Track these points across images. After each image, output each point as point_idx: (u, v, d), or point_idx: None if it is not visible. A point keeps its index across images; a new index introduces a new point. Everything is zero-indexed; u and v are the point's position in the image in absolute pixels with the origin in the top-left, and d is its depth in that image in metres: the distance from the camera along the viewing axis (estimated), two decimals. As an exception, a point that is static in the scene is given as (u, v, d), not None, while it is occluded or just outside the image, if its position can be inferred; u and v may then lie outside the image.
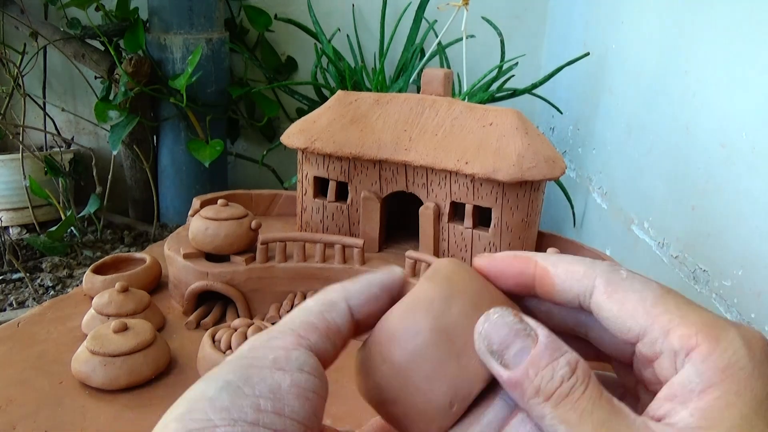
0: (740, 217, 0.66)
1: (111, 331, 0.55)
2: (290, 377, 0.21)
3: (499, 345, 0.21)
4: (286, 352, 0.21)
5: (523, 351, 0.21)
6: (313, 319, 0.22)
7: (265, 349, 0.21)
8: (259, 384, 0.20)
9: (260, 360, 0.21)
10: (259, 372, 0.20)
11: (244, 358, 0.21)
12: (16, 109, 1.28)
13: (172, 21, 1.20)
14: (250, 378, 0.20)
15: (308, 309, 0.23)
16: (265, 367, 0.21)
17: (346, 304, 0.23)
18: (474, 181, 0.63)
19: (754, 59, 0.64)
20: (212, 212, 0.65)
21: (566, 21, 1.32)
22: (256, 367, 0.21)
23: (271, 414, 0.20)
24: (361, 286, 0.24)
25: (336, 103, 0.71)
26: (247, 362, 0.21)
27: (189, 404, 0.20)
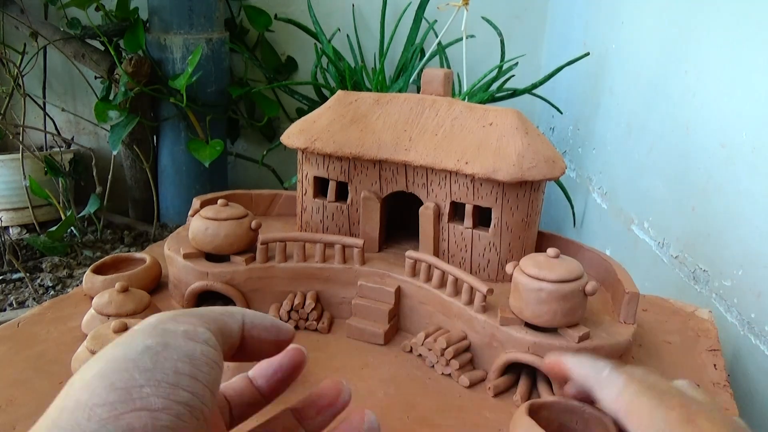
0: (740, 218, 0.66)
1: (111, 331, 0.55)
2: (200, 347, 0.22)
3: None
4: (194, 327, 0.23)
5: None
6: (212, 314, 0.25)
7: (174, 322, 0.23)
8: (176, 350, 0.21)
9: (172, 330, 0.22)
10: (174, 339, 0.22)
11: (156, 328, 0.22)
12: (16, 109, 1.28)
13: (172, 21, 1.20)
14: (167, 344, 0.21)
15: (210, 308, 0.25)
16: (179, 335, 0.22)
17: (241, 317, 0.26)
18: (474, 181, 0.63)
19: (754, 59, 0.64)
20: (212, 212, 0.65)
21: (566, 21, 1.32)
22: (170, 334, 0.22)
23: (188, 377, 0.21)
24: (260, 314, 0.26)
25: (336, 103, 0.71)
26: (161, 330, 0.22)
27: (110, 364, 0.20)
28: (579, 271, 0.51)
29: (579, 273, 0.51)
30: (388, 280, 0.64)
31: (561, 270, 0.50)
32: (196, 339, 0.22)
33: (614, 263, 0.60)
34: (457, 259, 0.66)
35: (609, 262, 0.60)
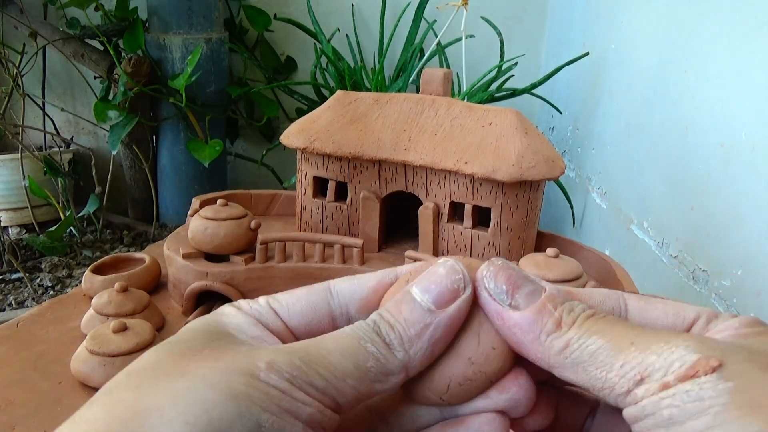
0: (739, 217, 0.66)
1: (110, 331, 0.54)
2: None
3: (508, 286, 0.20)
4: (322, 412, 0.19)
5: (534, 294, 0.20)
6: (357, 379, 0.20)
7: (303, 394, 0.19)
8: None
9: (297, 409, 0.18)
10: (293, 427, 0.18)
11: (285, 394, 0.18)
12: (15, 109, 1.28)
13: (172, 21, 1.20)
14: (282, 429, 0.18)
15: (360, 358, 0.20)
16: (301, 420, 0.18)
17: (399, 379, 0.21)
18: (473, 181, 0.63)
19: (754, 59, 0.64)
20: (211, 212, 0.65)
21: (566, 21, 1.32)
22: (292, 414, 0.18)
23: None
24: None
25: (335, 103, 0.71)
26: (288, 404, 0.18)
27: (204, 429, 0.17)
28: (578, 271, 0.51)
29: (578, 273, 0.51)
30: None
31: (560, 270, 0.50)
32: (316, 428, 0.18)
33: (614, 263, 0.60)
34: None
35: (608, 262, 0.60)
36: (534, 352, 0.20)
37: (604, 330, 0.19)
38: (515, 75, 1.16)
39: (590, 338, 0.19)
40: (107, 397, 0.18)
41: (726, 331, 0.19)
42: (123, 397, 0.18)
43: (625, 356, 0.18)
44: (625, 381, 0.18)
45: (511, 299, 0.20)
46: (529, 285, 0.20)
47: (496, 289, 0.20)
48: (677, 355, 0.17)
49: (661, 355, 0.18)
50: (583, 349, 0.19)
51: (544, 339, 0.19)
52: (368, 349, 0.19)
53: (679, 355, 0.17)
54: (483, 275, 0.21)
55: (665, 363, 0.17)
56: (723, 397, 0.16)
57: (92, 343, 0.54)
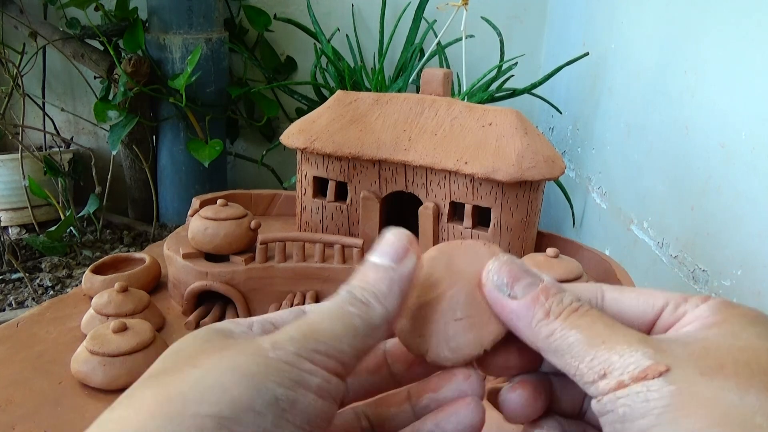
0: (739, 217, 0.66)
1: (110, 331, 0.54)
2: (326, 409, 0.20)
3: (509, 279, 0.23)
4: (329, 380, 0.21)
5: (532, 285, 0.23)
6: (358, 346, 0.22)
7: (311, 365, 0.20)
8: (302, 413, 0.19)
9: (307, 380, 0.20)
10: (305, 397, 0.20)
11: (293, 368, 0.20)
12: (15, 109, 1.28)
13: (172, 21, 1.20)
14: (296, 402, 0.19)
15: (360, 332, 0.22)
16: (311, 390, 0.20)
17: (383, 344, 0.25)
18: (473, 181, 0.63)
19: (754, 59, 0.65)
20: (211, 212, 0.65)
21: (565, 21, 1.32)
22: (303, 386, 0.20)
23: None
24: None
25: (335, 103, 0.71)
26: (296, 376, 0.20)
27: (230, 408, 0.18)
28: (578, 271, 0.51)
29: (578, 273, 0.51)
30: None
31: (560, 270, 0.50)
32: (326, 398, 0.20)
33: (613, 263, 0.60)
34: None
35: (608, 262, 0.60)
36: (526, 336, 0.23)
37: (583, 326, 0.22)
38: (515, 75, 1.16)
39: (571, 331, 0.22)
40: (128, 399, 0.19)
41: (694, 323, 0.22)
42: (143, 395, 0.19)
43: (595, 352, 0.21)
44: (592, 373, 0.21)
45: (510, 290, 0.23)
46: (527, 278, 0.23)
47: (498, 281, 0.23)
48: (634, 358, 0.20)
49: (623, 356, 0.20)
50: (564, 339, 0.22)
51: (534, 325, 0.22)
52: (350, 310, 0.22)
53: (636, 358, 0.20)
54: (488, 269, 0.24)
55: (624, 364, 0.20)
56: (665, 399, 0.19)
57: (92, 343, 0.54)
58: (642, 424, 0.19)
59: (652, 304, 0.23)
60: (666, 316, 0.23)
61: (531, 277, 0.23)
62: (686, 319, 0.22)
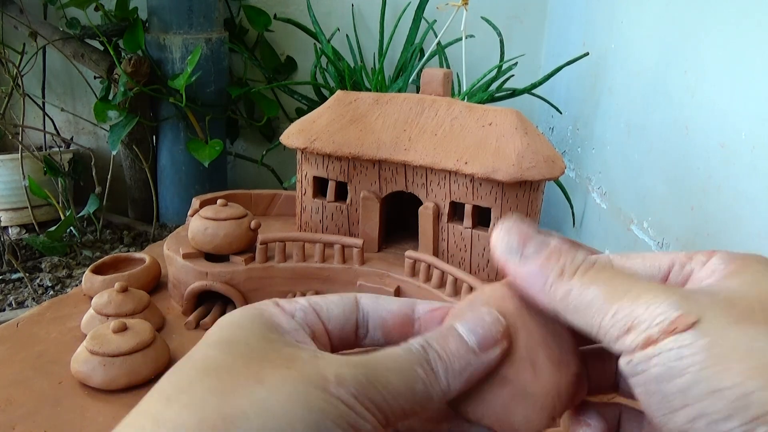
0: (739, 217, 0.66)
1: (110, 331, 0.55)
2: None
3: (518, 242, 0.22)
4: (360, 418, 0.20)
5: (542, 246, 0.22)
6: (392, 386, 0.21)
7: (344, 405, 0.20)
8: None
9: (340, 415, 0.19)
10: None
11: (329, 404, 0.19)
12: (15, 109, 1.28)
13: (172, 21, 1.20)
14: None
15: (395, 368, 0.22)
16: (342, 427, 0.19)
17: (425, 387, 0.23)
18: (473, 181, 0.63)
19: (754, 59, 0.64)
20: (211, 212, 0.65)
21: (565, 21, 1.32)
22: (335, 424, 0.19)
23: None
24: None
25: (335, 103, 0.71)
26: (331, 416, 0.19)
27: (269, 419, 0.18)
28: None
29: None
30: (387, 280, 0.64)
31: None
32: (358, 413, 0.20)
33: (614, 263, 0.60)
34: (457, 259, 0.66)
35: (608, 262, 0.60)
36: (542, 299, 0.22)
37: (602, 280, 0.21)
38: (515, 75, 1.16)
39: (589, 288, 0.21)
40: (186, 398, 0.19)
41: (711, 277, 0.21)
42: (206, 399, 0.18)
43: (618, 305, 0.20)
44: (616, 329, 0.20)
45: (521, 252, 0.22)
46: (537, 239, 0.22)
47: (509, 245, 0.23)
48: (661, 309, 0.19)
49: (648, 308, 0.19)
50: (583, 296, 0.21)
51: (549, 287, 0.21)
52: (418, 372, 0.21)
53: (662, 309, 0.19)
54: (498, 232, 0.23)
55: (650, 316, 0.19)
56: (701, 354, 0.18)
57: (92, 343, 0.54)
58: (680, 383, 0.18)
59: (658, 266, 0.23)
60: (674, 276, 0.23)
61: (541, 238, 0.22)
62: (701, 275, 0.22)
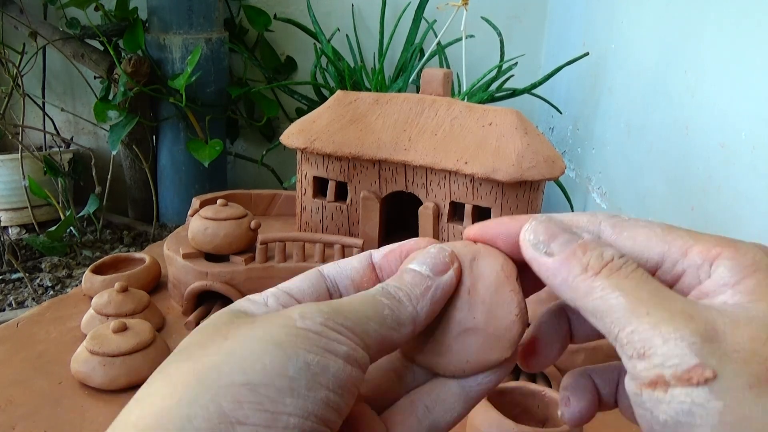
0: (740, 217, 0.66)
1: (110, 331, 0.55)
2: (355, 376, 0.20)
3: (545, 237, 0.22)
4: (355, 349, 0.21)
5: (570, 241, 0.22)
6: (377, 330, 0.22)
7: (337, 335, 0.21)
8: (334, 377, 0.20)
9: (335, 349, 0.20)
10: (335, 362, 0.20)
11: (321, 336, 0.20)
12: (15, 109, 1.28)
13: (172, 21, 1.20)
14: (327, 367, 0.20)
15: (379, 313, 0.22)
16: (340, 357, 0.20)
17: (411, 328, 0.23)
18: (473, 181, 0.63)
19: (754, 59, 0.64)
20: (211, 212, 0.65)
21: (565, 21, 1.32)
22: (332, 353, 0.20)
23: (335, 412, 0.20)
24: None
25: (335, 103, 0.71)
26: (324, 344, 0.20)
27: (262, 375, 0.19)
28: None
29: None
30: (387, 280, 0.64)
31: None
32: (353, 364, 0.20)
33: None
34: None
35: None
36: (563, 293, 0.22)
37: (627, 288, 0.20)
38: (515, 75, 1.16)
39: (613, 293, 0.20)
40: (162, 375, 0.20)
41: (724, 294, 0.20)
42: (177, 367, 0.20)
43: (638, 324, 0.19)
44: (631, 347, 0.19)
45: (546, 247, 0.22)
46: (565, 235, 0.22)
47: (534, 240, 0.22)
48: (679, 350, 0.18)
49: (666, 342, 0.18)
50: (605, 300, 0.20)
51: (571, 281, 0.21)
52: (382, 300, 0.22)
53: (680, 351, 0.18)
54: (525, 229, 0.23)
55: (666, 353, 0.18)
56: (713, 417, 0.17)
57: (92, 343, 0.54)
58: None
59: (647, 258, 0.22)
60: (662, 275, 0.22)
61: (569, 234, 0.22)
62: (708, 286, 0.20)
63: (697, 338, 0.18)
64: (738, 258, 0.20)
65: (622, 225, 0.23)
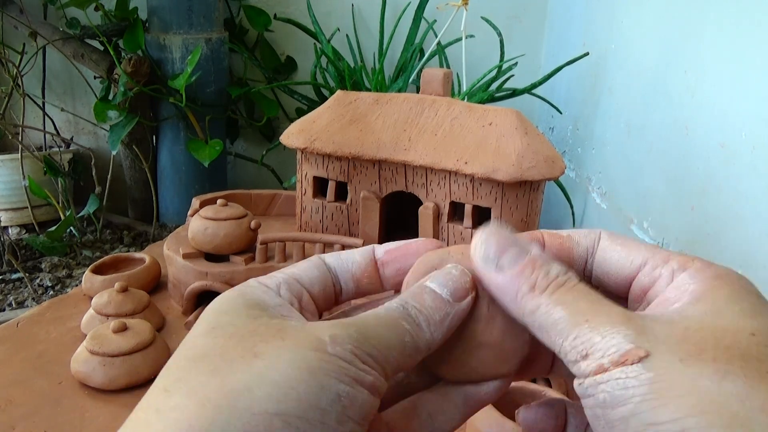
0: (740, 217, 0.66)
1: (110, 331, 0.55)
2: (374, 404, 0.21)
3: (495, 252, 0.23)
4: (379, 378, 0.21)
5: (519, 257, 0.22)
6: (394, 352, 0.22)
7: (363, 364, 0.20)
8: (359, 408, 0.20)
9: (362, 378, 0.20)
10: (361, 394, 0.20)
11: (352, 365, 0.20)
12: (15, 109, 1.28)
13: (172, 21, 1.20)
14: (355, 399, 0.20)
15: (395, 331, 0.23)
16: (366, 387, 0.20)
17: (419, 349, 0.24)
18: (473, 181, 0.63)
19: (754, 59, 0.64)
20: (212, 212, 0.65)
21: (565, 21, 1.32)
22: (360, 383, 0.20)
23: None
24: None
25: (335, 103, 0.71)
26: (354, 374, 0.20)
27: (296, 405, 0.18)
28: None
29: (578, 273, 0.51)
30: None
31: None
32: (376, 394, 0.21)
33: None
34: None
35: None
36: (512, 311, 0.23)
37: (568, 302, 0.21)
38: (515, 75, 1.16)
39: (556, 308, 0.21)
40: (184, 385, 0.19)
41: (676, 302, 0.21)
42: (203, 382, 0.19)
43: (578, 331, 0.20)
44: (575, 352, 0.20)
45: (496, 262, 0.22)
46: (514, 249, 0.23)
47: (485, 254, 0.23)
48: (615, 340, 0.20)
49: (604, 337, 0.20)
50: (549, 315, 0.21)
51: (519, 299, 0.22)
52: (404, 326, 0.22)
53: (617, 341, 0.20)
54: (476, 239, 0.23)
55: (605, 346, 0.20)
56: (644, 386, 0.19)
57: (92, 343, 0.54)
58: (622, 411, 0.19)
59: (632, 260, 0.23)
60: (642, 277, 0.23)
61: (518, 248, 0.23)
62: (668, 295, 0.22)
63: (632, 330, 0.20)
64: (704, 270, 0.22)
65: (619, 238, 0.24)
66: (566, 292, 0.21)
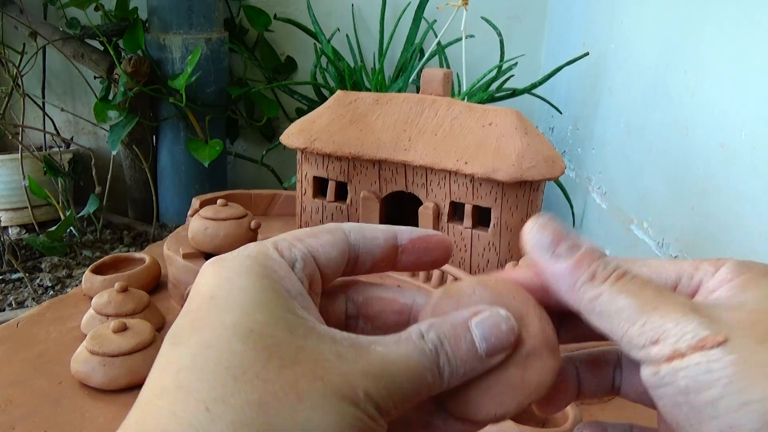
0: (740, 217, 0.66)
1: (110, 331, 0.55)
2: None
3: (551, 240, 0.23)
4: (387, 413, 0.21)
5: (574, 248, 0.23)
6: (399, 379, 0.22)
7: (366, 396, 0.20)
8: None
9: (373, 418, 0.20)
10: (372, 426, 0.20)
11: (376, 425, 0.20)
12: (15, 109, 1.28)
13: (172, 21, 1.20)
14: None
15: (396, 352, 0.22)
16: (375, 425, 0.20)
17: None
18: (473, 181, 0.63)
19: (754, 59, 0.65)
20: (212, 212, 0.65)
21: (565, 21, 1.32)
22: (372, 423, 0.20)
23: None
24: None
25: (335, 103, 0.71)
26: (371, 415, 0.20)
27: None
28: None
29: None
30: (387, 279, 0.64)
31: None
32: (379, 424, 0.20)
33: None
34: (457, 259, 0.66)
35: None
36: (569, 298, 0.23)
37: (633, 291, 0.22)
38: (515, 75, 1.16)
39: (619, 295, 0.22)
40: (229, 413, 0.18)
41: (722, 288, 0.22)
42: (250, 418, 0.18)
43: (648, 317, 0.21)
44: (643, 337, 0.21)
45: (553, 250, 0.23)
46: (570, 240, 0.23)
47: (541, 240, 0.23)
48: (691, 327, 0.20)
49: (678, 324, 0.20)
50: (613, 302, 0.22)
51: (578, 287, 0.22)
52: (427, 378, 0.22)
53: (693, 327, 0.20)
54: (531, 228, 0.24)
55: (680, 332, 0.20)
56: (729, 368, 0.19)
57: (92, 343, 0.54)
58: (709, 395, 0.19)
59: (665, 278, 0.24)
60: (683, 289, 0.23)
61: (572, 240, 0.23)
62: (710, 284, 0.23)
63: (705, 318, 0.20)
64: (739, 264, 0.23)
65: (633, 260, 0.25)
66: (629, 281, 0.22)
